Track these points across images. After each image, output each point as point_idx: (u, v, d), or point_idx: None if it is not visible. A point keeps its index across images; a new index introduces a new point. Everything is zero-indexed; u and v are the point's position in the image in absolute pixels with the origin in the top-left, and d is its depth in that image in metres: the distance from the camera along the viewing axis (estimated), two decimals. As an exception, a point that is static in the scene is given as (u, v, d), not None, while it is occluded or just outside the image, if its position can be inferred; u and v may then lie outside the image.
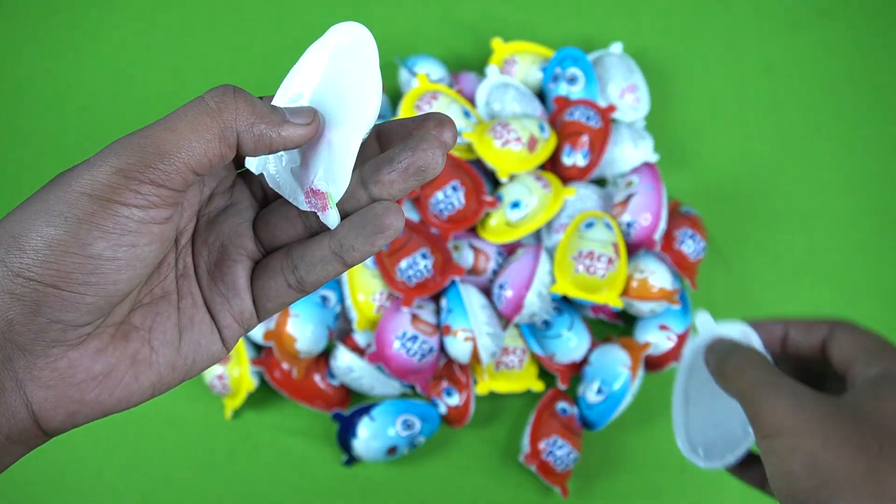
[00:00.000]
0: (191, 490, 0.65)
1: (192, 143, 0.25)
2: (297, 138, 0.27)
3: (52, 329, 0.24)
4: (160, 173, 0.24)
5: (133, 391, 0.26)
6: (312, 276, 0.28)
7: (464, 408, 0.64)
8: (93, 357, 0.25)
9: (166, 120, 0.25)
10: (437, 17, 0.81)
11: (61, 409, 0.25)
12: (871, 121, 0.77)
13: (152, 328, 0.27)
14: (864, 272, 0.72)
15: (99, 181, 0.24)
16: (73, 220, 0.23)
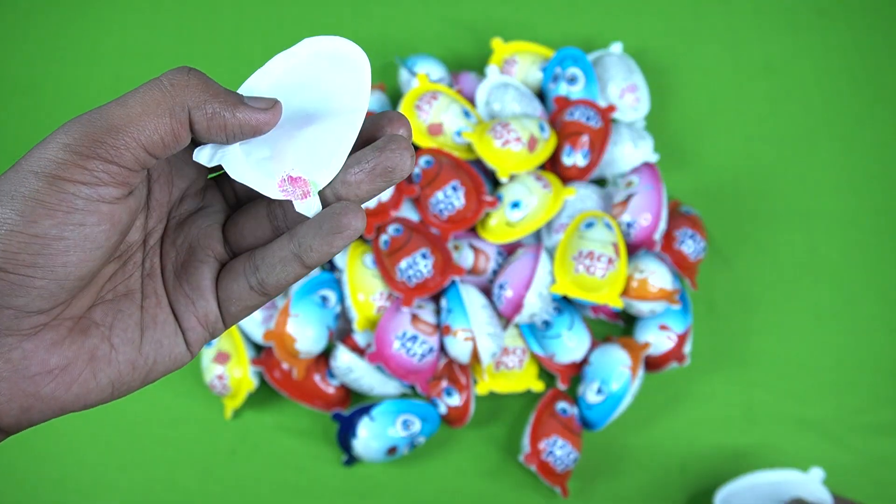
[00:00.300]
0: (191, 490, 0.65)
1: (141, 119, 0.24)
2: (255, 123, 0.26)
3: (4, 315, 0.23)
4: (109, 148, 0.24)
5: (91, 388, 0.26)
6: (272, 277, 0.28)
7: (464, 408, 0.64)
8: (48, 349, 0.24)
9: (119, 98, 0.25)
10: (437, 17, 0.81)
11: (15, 402, 0.24)
12: (871, 121, 0.77)
13: (113, 325, 0.26)
14: (864, 272, 0.72)
15: (46, 158, 0.23)
16: (18, 199, 0.23)
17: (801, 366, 0.69)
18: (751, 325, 0.70)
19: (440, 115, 0.67)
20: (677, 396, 0.68)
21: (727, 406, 0.68)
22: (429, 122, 0.67)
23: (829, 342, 0.69)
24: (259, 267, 0.28)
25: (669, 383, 0.68)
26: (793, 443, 0.66)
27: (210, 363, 0.65)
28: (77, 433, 0.67)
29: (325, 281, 0.64)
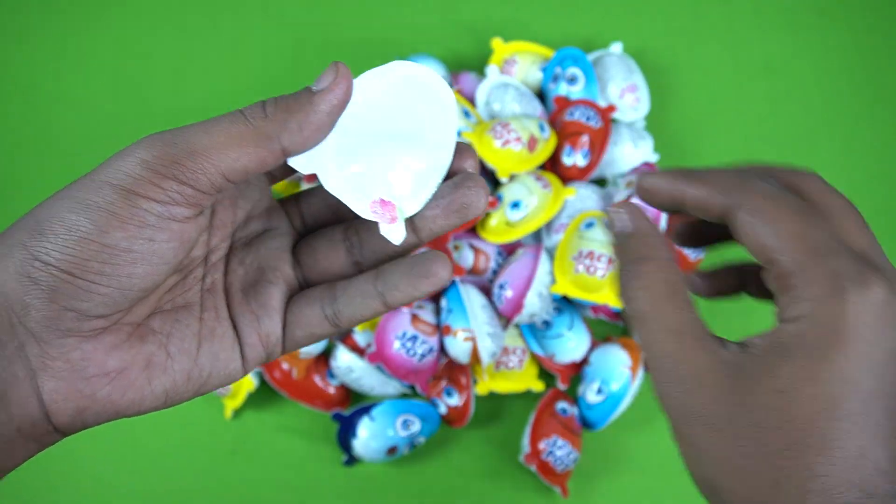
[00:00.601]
0: (191, 490, 0.65)
1: (225, 147, 0.25)
2: (333, 100, 0.26)
3: (67, 317, 0.24)
4: (186, 171, 0.24)
5: (145, 395, 0.26)
6: (349, 310, 0.28)
7: (464, 408, 0.64)
8: (106, 352, 0.25)
9: (203, 123, 0.25)
10: (437, 17, 0.81)
11: (71, 402, 0.25)
12: (871, 121, 0.77)
13: (171, 334, 0.27)
14: (864, 272, 0.72)
15: (124, 171, 0.24)
16: (93, 208, 0.24)
17: (801, 366, 0.69)
18: (751, 326, 0.70)
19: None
20: (677, 396, 0.68)
21: (727, 406, 0.68)
22: (429, 122, 0.67)
23: (829, 342, 0.70)
24: (338, 298, 0.28)
25: (669, 383, 0.68)
26: (793, 443, 0.66)
27: (210, 363, 0.65)
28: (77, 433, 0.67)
29: (325, 281, 0.64)
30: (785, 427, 0.23)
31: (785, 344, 0.24)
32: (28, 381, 0.24)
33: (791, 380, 0.23)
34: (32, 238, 0.24)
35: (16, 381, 0.24)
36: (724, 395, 0.24)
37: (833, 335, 0.23)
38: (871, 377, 0.23)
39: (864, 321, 0.23)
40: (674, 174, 0.28)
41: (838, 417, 0.22)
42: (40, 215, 0.24)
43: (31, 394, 0.24)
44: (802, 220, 0.25)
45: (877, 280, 0.23)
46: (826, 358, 0.23)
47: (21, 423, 0.24)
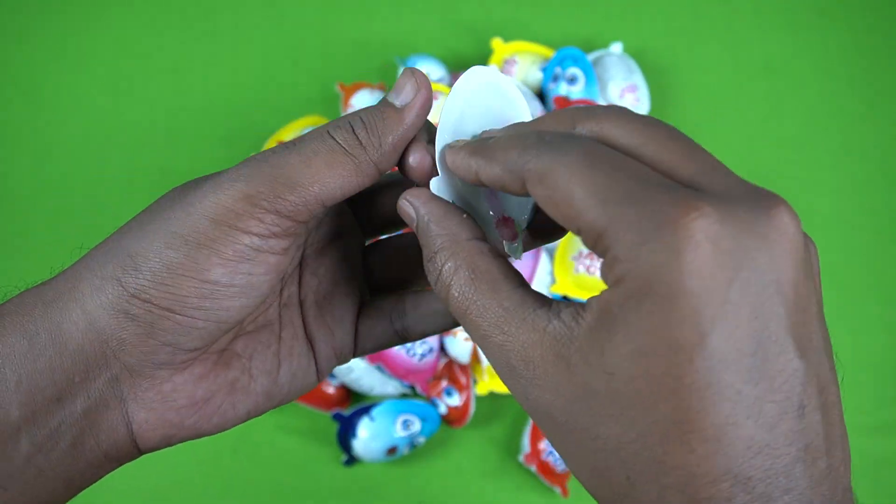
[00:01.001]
0: (191, 490, 0.65)
1: (326, 177, 0.24)
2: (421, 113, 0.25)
3: (162, 351, 0.24)
4: (288, 204, 0.24)
5: (229, 418, 0.26)
6: (420, 327, 0.28)
7: (464, 408, 0.64)
8: (196, 382, 0.25)
9: (299, 150, 0.24)
10: (437, 17, 0.81)
11: (159, 431, 0.25)
12: (871, 121, 0.77)
13: (253, 356, 0.27)
14: (864, 272, 0.72)
15: (224, 205, 0.23)
16: (193, 245, 0.23)
17: (801, 366, 0.69)
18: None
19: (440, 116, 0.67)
20: (677, 396, 0.68)
21: (727, 406, 0.68)
22: (429, 122, 0.67)
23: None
24: (408, 314, 0.28)
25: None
26: (793, 443, 0.66)
27: (210, 363, 0.65)
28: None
29: (325, 281, 0.64)
30: (624, 415, 0.19)
31: (610, 315, 0.19)
32: (119, 411, 0.24)
33: (619, 358, 0.19)
34: (126, 274, 0.23)
35: (107, 410, 0.24)
36: (558, 383, 0.20)
37: (659, 294, 0.18)
38: (717, 335, 0.18)
39: (688, 270, 0.18)
40: (470, 149, 0.24)
41: (685, 395, 0.18)
42: (132, 249, 0.23)
43: (121, 423, 0.25)
44: (600, 169, 0.20)
45: (700, 210, 0.18)
46: (656, 323, 0.18)
47: (108, 449, 0.25)
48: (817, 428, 0.19)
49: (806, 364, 0.19)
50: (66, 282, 0.24)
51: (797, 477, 0.18)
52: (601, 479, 0.20)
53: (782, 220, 0.19)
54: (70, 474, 0.24)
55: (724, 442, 0.18)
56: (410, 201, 0.24)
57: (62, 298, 0.23)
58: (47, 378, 0.23)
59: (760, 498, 0.18)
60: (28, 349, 0.23)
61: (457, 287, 0.22)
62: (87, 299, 0.23)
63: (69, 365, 0.23)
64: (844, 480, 0.19)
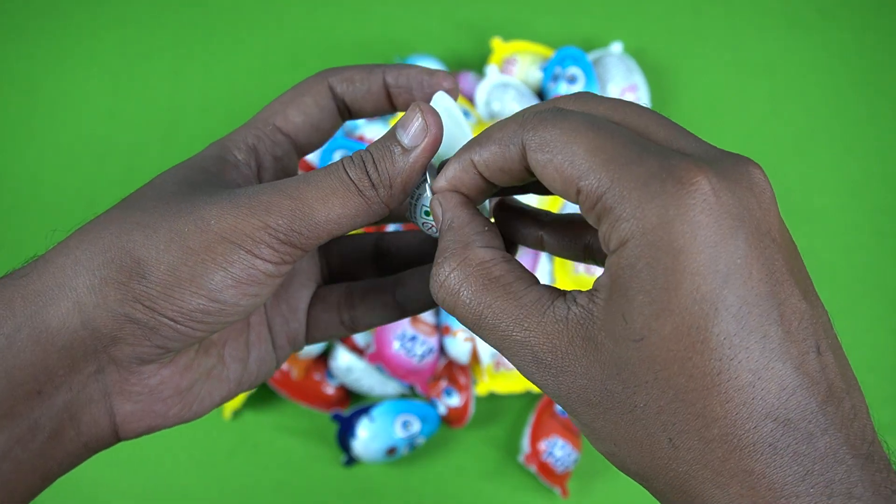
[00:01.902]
0: (190, 490, 0.65)
1: (340, 216, 0.24)
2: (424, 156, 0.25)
3: (153, 352, 0.24)
4: (303, 239, 0.24)
5: (206, 405, 0.27)
6: (367, 319, 0.29)
7: (463, 408, 0.64)
8: (181, 373, 0.26)
9: (316, 186, 0.24)
10: (436, 17, 0.81)
11: (145, 422, 0.26)
12: (871, 121, 0.77)
13: (226, 344, 0.27)
14: (864, 272, 0.72)
15: (243, 231, 0.23)
16: (209, 263, 0.23)
17: (801, 366, 0.69)
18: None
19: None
20: (677, 397, 0.68)
21: (727, 406, 0.68)
22: (428, 121, 0.67)
23: (830, 342, 0.69)
24: (356, 306, 0.29)
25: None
26: (793, 443, 0.66)
27: (209, 363, 0.65)
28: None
29: (325, 281, 0.64)
30: (659, 377, 0.19)
31: (622, 280, 0.19)
32: (103, 404, 0.25)
33: (642, 322, 0.19)
34: (132, 279, 0.23)
35: (90, 403, 0.24)
36: (589, 364, 0.20)
37: (667, 252, 0.19)
38: (734, 282, 0.19)
39: (696, 223, 0.19)
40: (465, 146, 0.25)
41: (715, 345, 0.18)
42: (138, 254, 0.23)
43: (104, 415, 0.25)
44: (594, 132, 0.20)
45: (701, 168, 0.19)
46: (670, 282, 0.19)
47: (89, 440, 0.25)
48: (834, 368, 0.19)
49: (810, 306, 0.20)
50: (53, 276, 0.23)
51: (831, 415, 0.19)
52: (643, 451, 0.20)
53: (759, 175, 0.20)
54: (48, 465, 0.25)
55: (759, 386, 0.18)
56: (441, 202, 0.25)
57: (49, 293, 0.23)
58: (28, 373, 0.23)
59: (804, 437, 0.18)
60: (6, 345, 0.22)
61: (467, 293, 0.23)
62: (83, 298, 0.23)
63: (54, 360, 0.23)
64: (870, 424, 0.20)
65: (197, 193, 0.25)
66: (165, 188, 0.25)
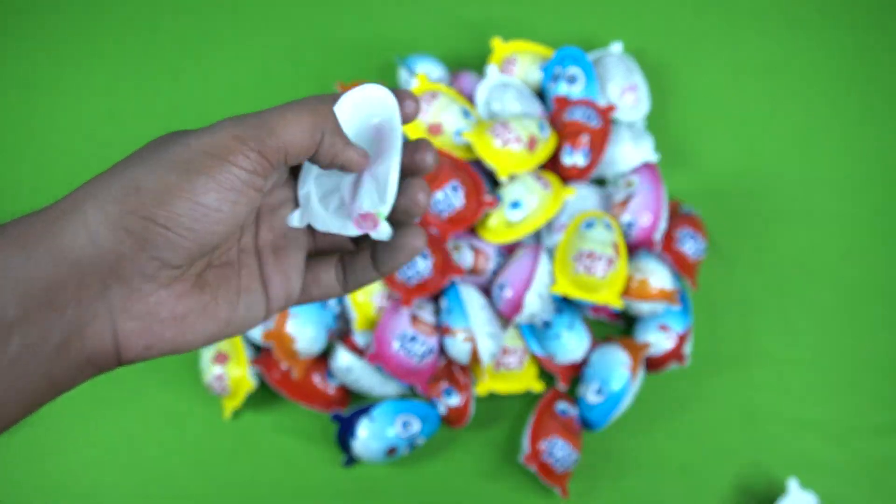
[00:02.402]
0: (190, 490, 0.65)
1: (294, 131, 0.29)
2: (354, 163, 0.32)
3: (151, 265, 0.28)
4: (267, 147, 0.29)
5: (199, 337, 0.30)
6: (354, 279, 0.34)
7: (463, 408, 0.64)
8: (176, 299, 0.29)
9: (276, 109, 0.30)
10: (436, 17, 0.81)
11: (142, 341, 0.29)
12: (871, 120, 0.77)
13: (219, 286, 0.31)
14: (864, 272, 0.72)
15: (218, 142, 0.28)
16: (192, 172, 0.27)
17: (801, 366, 0.69)
18: (751, 325, 0.70)
19: (440, 115, 0.67)
20: (677, 397, 0.68)
21: (727, 406, 0.68)
22: (428, 122, 0.67)
23: (829, 342, 0.69)
24: (346, 268, 0.34)
25: (669, 384, 0.68)
26: (793, 443, 0.66)
27: (209, 363, 0.65)
28: (77, 433, 0.67)
29: (325, 281, 0.64)
30: None
31: None
32: (107, 319, 0.28)
33: None
34: (128, 196, 0.27)
35: (96, 318, 0.27)
36: None
37: None
38: None
39: None
40: None
41: None
42: (134, 175, 0.28)
43: (108, 330, 0.28)
44: None
45: None
46: None
47: (92, 355, 0.28)
48: None
49: None
50: (69, 204, 0.28)
51: None
52: None
53: None
54: (54, 374, 0.27)
55: None
56: None
57: (64, 217, 0.27)
58: (42, 285, 0.26)
59: None
60: (25, 260, 0.26)
61: None
62: (89, 217, 0.27)
63: (65, 275, 0.27)
64: None
65: (179, 133, 0.29)
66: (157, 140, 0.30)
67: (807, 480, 0.64)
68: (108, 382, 0.68)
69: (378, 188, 0.33)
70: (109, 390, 0.67)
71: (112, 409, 0.68)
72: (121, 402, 0.68)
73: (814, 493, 0.62)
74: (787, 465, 0.65)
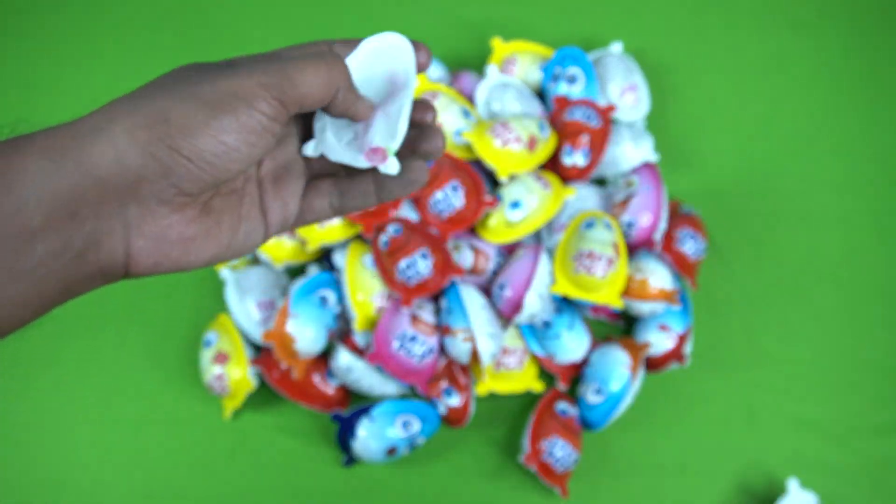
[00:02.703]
0: (190, 491, 0.65)
1: (312, 84, 0.32)
2: (361, 116, 0.35)
3: (169, 191, 0.30)
4: (287, 97, 0.31)
5: (200, 258, 0.33)
6: (350, 203, 0.37)
7: (463, 408, 0.64)
8: (186, 223, 0.32)
9: (296, 59, 0.32)
10: (436, 17, 0.81)
11: (151, 259, 0.32)
12: (871, 120, 0.77)
13: (223, 213, 0.34)
14: (864, 272, 0.72)
15: (245, 87, 0.31)
16: (218, 111, 0.30)
17: (801, 366, 0.69)
18: (751, 325, 0.70)
19: (440, 115, 0.67)
20: (677, 397, 0.68)
21: (727, 406, 0.68)
22: (428, 121, 0.67)
23: (830, 342, 0.69)
24: (343, 193, 0.37)
25: (669, 384, 0.68)
26: (793, 443, 0.66)
27: (209, 363, 0.65)
28: (76, 433, 0.67)
29: (325, 281, 0.64)
30: None
31: None
32: (121, 235, 0.30)
33: None
34: (157, 124, 0.30)
35: (111, 232, 0.30)
36: None
37: None
38: None
39: None
40: None
41: None
42: (163, 106, 0.30)
43: (120, 246, 0.31)
44: None
45: None
46: None
47: (105, 266, 0.31)
48: None
49: None
50: (99, 121, 0.30)
51: None
52: None
53: None
54: (69, 281, 0.30)
55: None
56: None
57: (94, 133, 0.30)
58: (68, 196, 0.29)
59: None
60: (53, 170, 0.29)
61: None
62: (118, 138, 0.29)
63: (89, 188, 0.29)
64: None
65: (205, 67, 0.33)
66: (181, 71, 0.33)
67: (807, 480, 0.64)
68: (109, 382, 0.68)
69: (389, 125, 0.36)
70: (110, 390, 0.67)
71: (112, 409, 0.68)
72: (121, 402, 0.68)
73: (814, 493, 0.62)
74: (787, 465, 0.65)
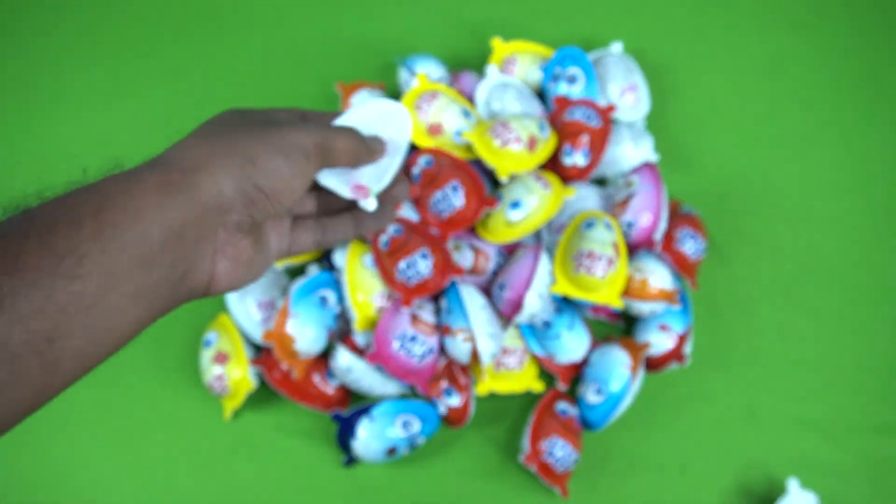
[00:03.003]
0: (190, 491, 0.65)
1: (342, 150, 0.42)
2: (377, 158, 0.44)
3: (247, 220, 0.37)
4: (327, 158, 0.41)
5: (253, 276, 0.40)
6: (332, 237, 0.46)
7: (464, 408, 0.64)
8: (251, 247, 0.39)
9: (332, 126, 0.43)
10: (436, 17, 0.81)
11: (227, 280, 0.37)
12: (871, 121, 0.77)
13: (258, 239, 0.40)
14: (864, 272, 0.72)
15: (305, 143, 0.39)
16: (289, 160, 0.38)
17: (801, 366, 0.69)
18: (751, 325, 0.70)
19: (440, 115, 0.67)
20: (677, 397, 0.68)
21: (727, 406, 0.68)
22: (428, 122, 0.67)
23: (829, 342, 0.69)
24: (326, 229, 0.46)
25: (670, 384, 0.68)
26: (793, 443, 0.66)
27: (209, 363, 0.65)
28: (77, 434, 0.67)
29: (325, 281, 0.64)
30: None
31: None
32: (210, 259, 0.36)
33: None
34: (247, 165, 0.36)
35: (204, 257, 0.36)
36: None
37: None
38: None
39: None
40: None
41: None
42: (249, 150, 0.37)
43: (208, 267, 0.36)
44: None
45: None
46: None
47: (193, 286, 0.36)
48: None
49: None
50: (198, 159, 0.36)
51: None
52: None
53: None
54: (169, 301, 0.34)
55: None
56: None
57: (197, 169, 0.35)
58: (181, 223, 0.34)
59: None
60: (169, 201, 0.34)
61: None
62: (218, 174, 0.36)
63: (197, 216, 0.34)
64: None
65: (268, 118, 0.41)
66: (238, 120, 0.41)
67: (807, 480, 0.64)
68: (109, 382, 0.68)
69: (378, 173, 0.44)
70: (110, 390, 0.68)
71: (112, 409, 0.68)
72: (121, 402, 0.68)
73: (814, 493, 0.62)
74: (787, 465, 0.65)
